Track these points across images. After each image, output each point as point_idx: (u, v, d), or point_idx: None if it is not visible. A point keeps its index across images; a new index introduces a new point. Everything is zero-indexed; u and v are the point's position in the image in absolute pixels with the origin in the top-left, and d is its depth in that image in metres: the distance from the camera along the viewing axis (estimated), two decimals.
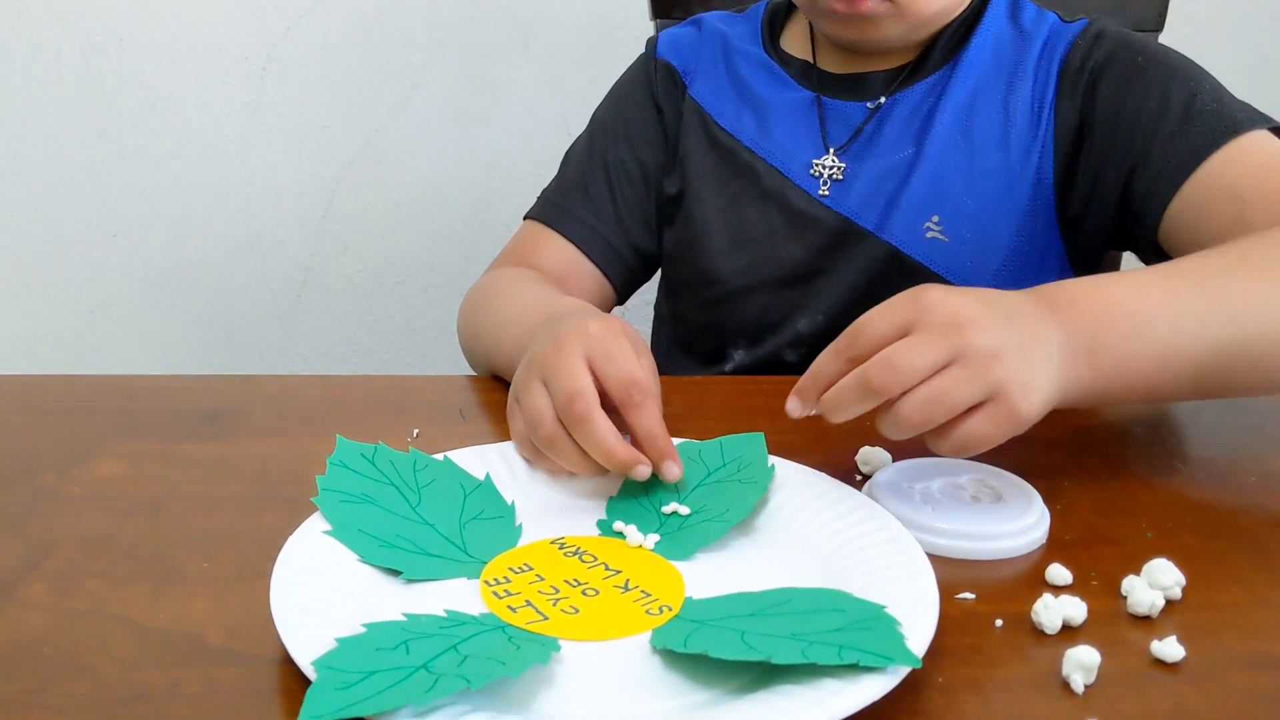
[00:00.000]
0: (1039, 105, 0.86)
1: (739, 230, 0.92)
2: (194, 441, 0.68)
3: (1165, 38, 1.10)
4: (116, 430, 0.69)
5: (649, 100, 0.98)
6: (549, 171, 1.05)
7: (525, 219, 0.98)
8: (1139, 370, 0.60)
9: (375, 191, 1.43)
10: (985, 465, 0.63)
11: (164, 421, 0.71)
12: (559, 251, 0.94)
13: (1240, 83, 1.41)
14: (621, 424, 0.60)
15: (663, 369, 0.99)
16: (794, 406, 0.60)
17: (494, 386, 0.78)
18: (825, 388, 0.58)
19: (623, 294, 0.99)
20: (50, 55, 1.36)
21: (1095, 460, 0.67)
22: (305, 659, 0.43)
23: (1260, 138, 0.77)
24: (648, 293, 1.05)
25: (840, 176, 0.89)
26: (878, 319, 0.57)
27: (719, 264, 0.92)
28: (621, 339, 0.62)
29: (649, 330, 1.08)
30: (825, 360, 0.59)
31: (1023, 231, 0.86)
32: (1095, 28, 0.86)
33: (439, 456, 0.62)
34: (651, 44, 1.01)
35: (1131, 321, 0.60)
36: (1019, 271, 0.86)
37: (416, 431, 0.69)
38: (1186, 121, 0.78)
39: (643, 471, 0.59)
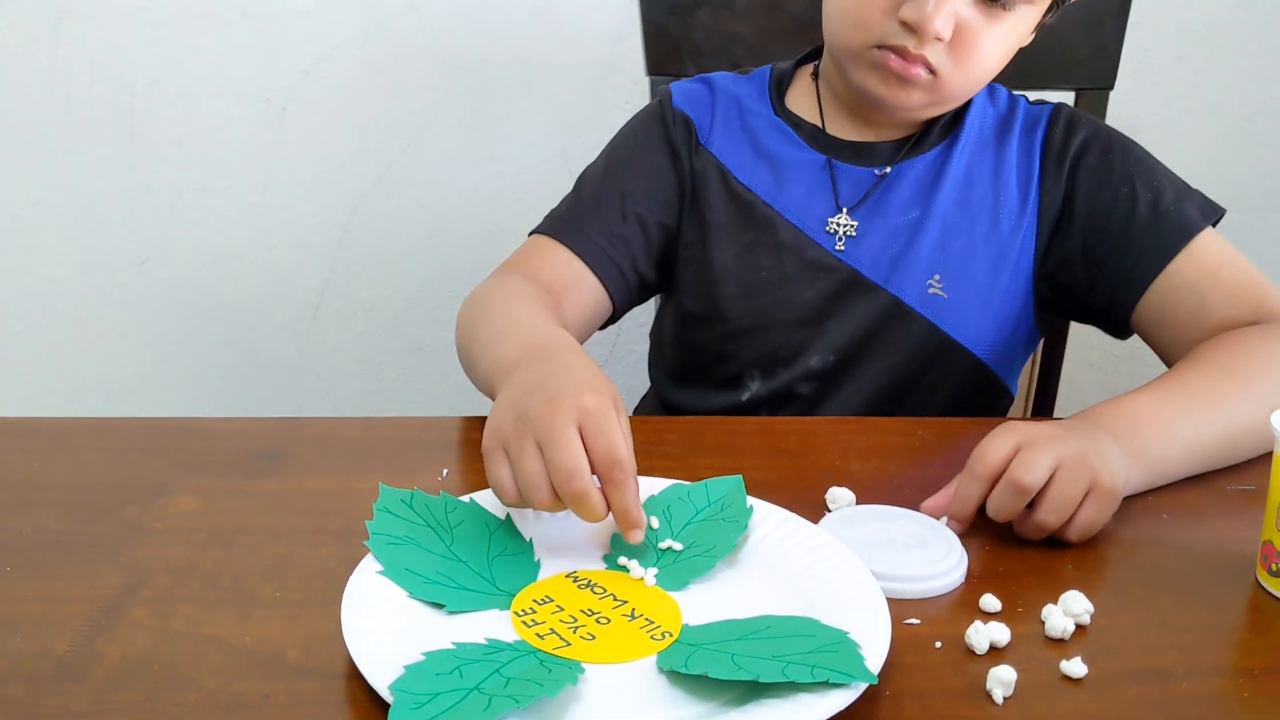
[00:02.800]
0: (1025, 183, 0.99)
1: (754, 275, 1.00)
2: (253, 479, 0.78)
3: (1119, 90, 1.22)
4: (186, 468, 0.79)
5: (665, 145, 1.04)
6: (549, 203, 1.11)
7: (531, 234, 1.03)
8: (1170, 462, 0.78)
9: (387, 222, 1.52)
10: (914, 513, 0.73)
11: (225, 460, 0.81)
12: (565, 264, 0.99)
13: (1185, 133, 1.53)
14: None
15: (665, 395, 1.09)
16: (955, 525, 0.73)
17: None
18: (971, 506, 0.73)
19: (619, 312, 1.04)
20: (84, 95, 1.44)
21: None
22: (381, 683, 0.53)
23: (1210, 237, 0.93)
24: (643, 315, 1.14)
25: (854, 234, 0.99)
26: (994, 447, 0.72)
27: (734, 305, 1.01)
28: (611, 414, 0.66)
29: (644, 350, 1.17)
30: (966, 486, 0.73)
31: (1008, 293, 0.99)
32: (1064, 113, 1.00)
33: (465, 499, 0.72)
34: (665, 95, 1.07)
35: (1161, 429, 0.78)
36: (1000, 331, 0.99)
37: (446, 471, 0.80)
38: (1153, 222, 0.93)
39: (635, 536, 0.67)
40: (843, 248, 0.99)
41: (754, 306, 1.01)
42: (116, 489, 0.76)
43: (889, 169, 1.00)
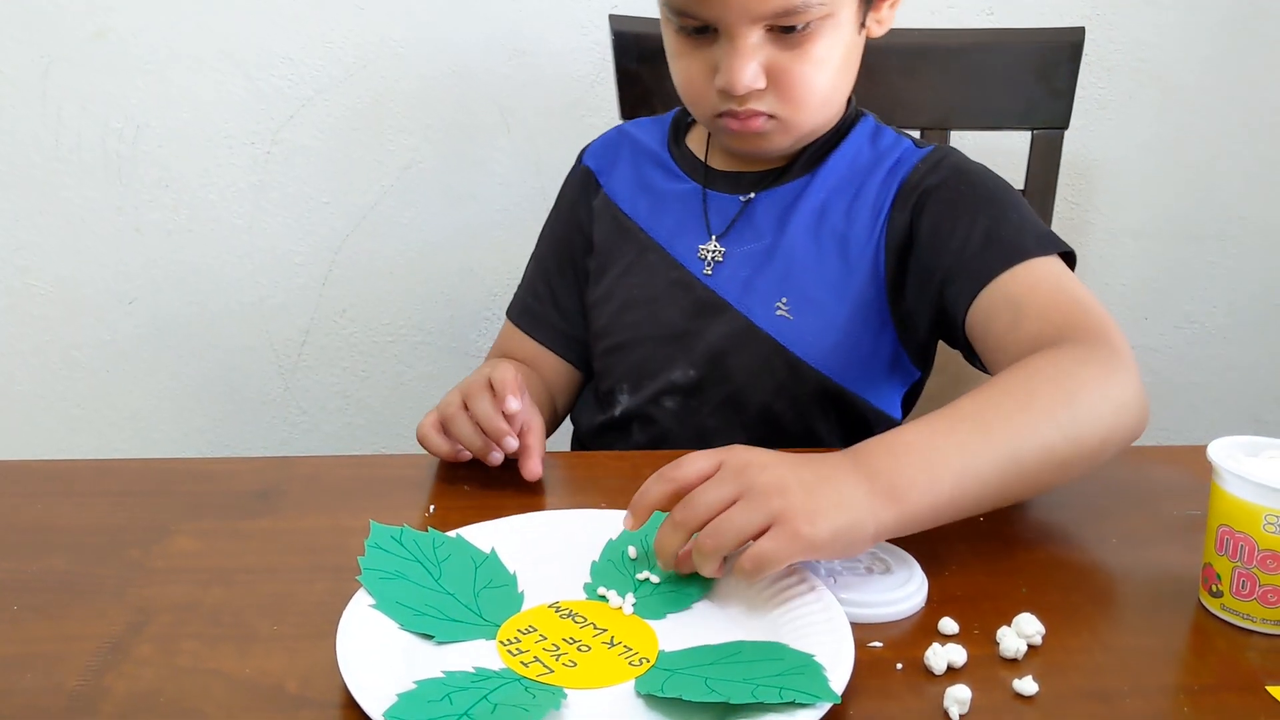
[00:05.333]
0: (876, 214, 1.02)
1: (627, 293, 1.08)
2: (249, 519, 0.82)
3: (1073, 129, 1.27)
4: (184, 510, 0.83)
5: (573, 204, 1.15)
6: (526, 240, 1.19)
7: (508, 315, 1.17)
8: (940, 495, 0.72)
9: (370, 260, 1.56)
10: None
11: (221, 501, 0.84)
12: (536, 352, 1.14)
13: (1139, 169, 1.58)
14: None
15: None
16: (629, 522, 0.72)
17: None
18: (648, 505, 0.71)
19: (589, 373, 1.15)
20: (73, 139, 1.47)
21: (987, 525, 0.81)
22: (376, 711, 0.57)
23: (1043, 262, 0.92)
24: None
25: (721, 259, 1.04)
26: (695, 461, 0.70)
27: (612, 321, 1.09)
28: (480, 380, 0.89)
29: None
30: (650, 482, 0.71)
31: (855, 319, 1.02)
32: (938, 155, 1.03)
33: (452, 534, 0.76)
34: (582, 151, 1.17)
35: (926, 459, 0.72)
36: (851, 352, 1.03)
37: (433, 508, 0.84)
38: (986, 246, 0.94)
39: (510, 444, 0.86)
40: (710, 272, 1.04)
41: (626, 322, 1.08)
42: (119, 530, 0.80)
43: (752, 195, 1.05)
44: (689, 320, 1.05)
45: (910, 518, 0.72)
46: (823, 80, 0.97)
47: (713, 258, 1.04)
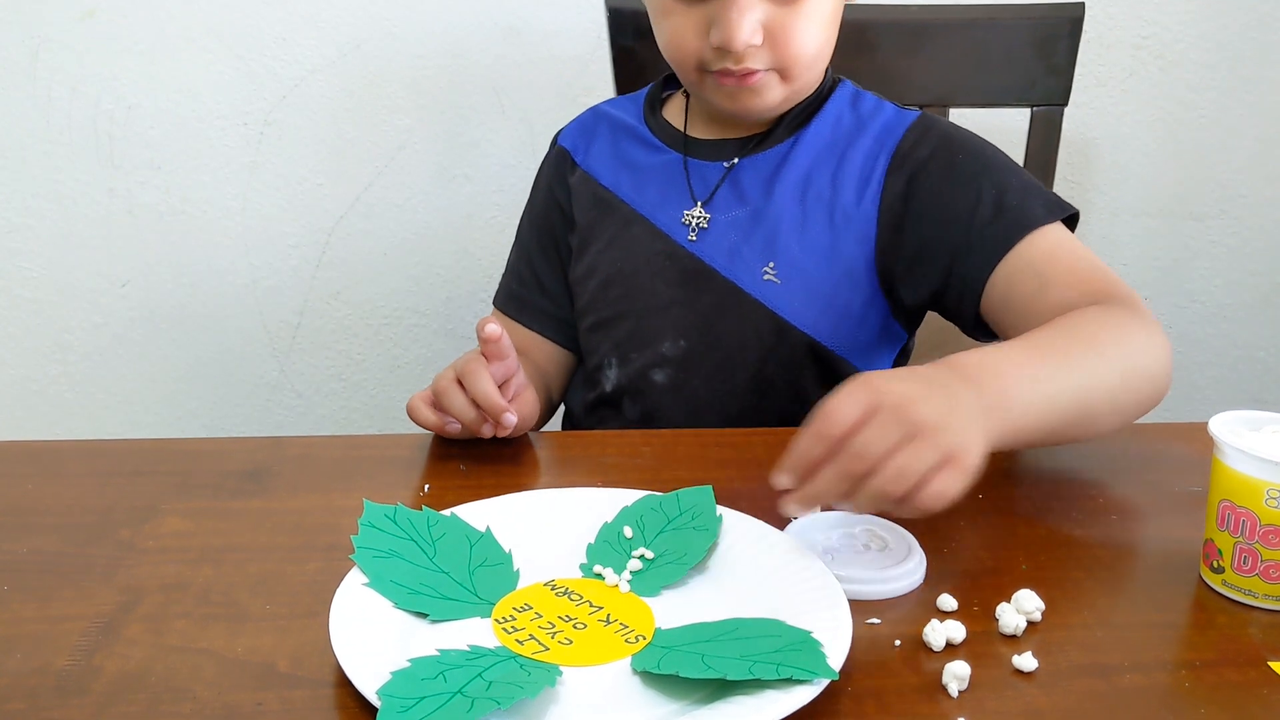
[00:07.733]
0: (866, 179, 1.01)
1: (613, 267, 1.07)
2: (240, 499, 0.81)
3: (1073, 105, 1.26)
4: (174, 489, 0.82)
5: (550, 185, 1.15)
6: None
7: (494, 304, 1.17)
8: (1030, 417, 0.75)
9: (364, 242, 1.55)
10: (875, 517, 0.76)
11: (212, 481, 0.83)
12: (531, 340, 1.13)
13: (1139, 146, 1.57)
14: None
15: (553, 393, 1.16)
16: (784, 480, 0.68)
17: (487, 444, 0.91)
18: (809, 465, 0.67)
19: (581, 355, 1.14)
20: (63, 120, 1.46)
21: (986, 501, 0.80)
22: (369, 688, 0.56)
23: (1054, 229, 0.94)
24: None
25: (706, 225, 1.04)
26: (843, 407, 0.66)
27: (597, 296, 1.08)
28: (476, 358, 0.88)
29: None
30: (807, 443, 0.67)
31: (843, 284, 1.02)
32: (924, 123, 1.03)
33: (447, 513, 0.75)
34: (557, 134, 1.17)
35: (1025, 382, 0.75)
36: (841, 317, 1.02)
37: (427, 487, 0.83)
38: (997, 217, 0.94)
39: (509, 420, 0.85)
40: (694, 238, 1.04)
41: (610, 296, 1.07)
42: (108, 511, 0.79)
43: (736, 160, 1.05)
44: (676, 290, 1.04)
45: (1006, 434, 0.73)
46: (816, 35, 0.97)
47: (697, 224, 1.04)
